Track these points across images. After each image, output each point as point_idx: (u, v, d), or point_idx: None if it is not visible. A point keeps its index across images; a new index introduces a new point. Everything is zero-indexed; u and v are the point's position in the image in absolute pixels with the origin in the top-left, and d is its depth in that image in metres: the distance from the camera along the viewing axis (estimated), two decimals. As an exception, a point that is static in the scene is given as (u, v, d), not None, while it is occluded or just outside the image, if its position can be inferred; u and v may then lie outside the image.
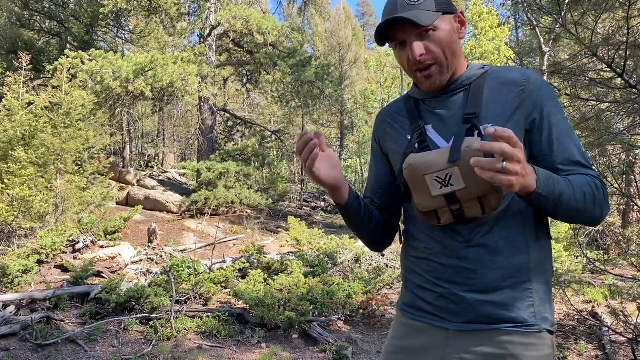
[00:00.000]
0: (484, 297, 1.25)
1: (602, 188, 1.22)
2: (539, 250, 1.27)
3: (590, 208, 1.20)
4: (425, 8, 1.26)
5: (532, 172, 1.09)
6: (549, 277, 1.29)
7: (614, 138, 4.14)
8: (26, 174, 7.76)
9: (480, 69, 1.36)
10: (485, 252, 1.25)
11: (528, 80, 1.29)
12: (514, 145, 0.99)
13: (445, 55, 1.29)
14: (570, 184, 1.18)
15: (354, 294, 6.09)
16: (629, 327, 4.87)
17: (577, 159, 1.25)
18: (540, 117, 1.27)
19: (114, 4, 13.66)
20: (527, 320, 1.23)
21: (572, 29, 3.03)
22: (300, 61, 14.70)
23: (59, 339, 4.72)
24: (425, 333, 1.35)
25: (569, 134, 1.27)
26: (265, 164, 16.37)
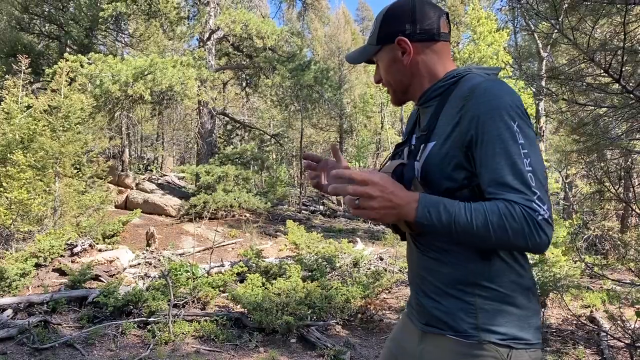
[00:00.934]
0: (433, 303, 1.34)
1: (524, 215, 1.11)
2: (486, 266, 1.27)
3: (504, 238, 1.13)
4: (370, 41, 1.44)
5: (411, 202, 1.18)
6: (504, 292, 1.26)
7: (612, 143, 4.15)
8: (24, 177, 7.76)
9: (451, 78, 1.35)
10: (435, 262, 1.33)
11: (471, 93, 1.24)
12: (363, 183, 1.15)
13: (391, 82, 1.44)
14: (470, 214, 1.15)
15: (352, 298, 6.08)
16: (627, 332, 4.87)
17: (504, 180, 1.15)
18: (475, 134, 1.21)
19: (113, 7, 13.69)
20: (467, 330, 1.27)
21: (569, 34, 3.04)
22: (299, 65, 14.74)
23: (56, 343, 4.71)
24: (409, 331, 1.49)
25: (504, 153, 1.16)
26: (264, 167, 16.37)
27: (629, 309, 6.60)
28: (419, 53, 1.37)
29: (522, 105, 1.23)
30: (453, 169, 1.25)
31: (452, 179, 1.26)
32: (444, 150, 1.26)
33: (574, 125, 4.32)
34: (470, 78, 1.31)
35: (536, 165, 1.17)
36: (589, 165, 5.28)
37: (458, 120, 1.25)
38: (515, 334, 1.25)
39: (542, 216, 1.12)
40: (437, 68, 1.38)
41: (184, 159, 28.34)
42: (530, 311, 1.30)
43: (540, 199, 1.14)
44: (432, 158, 1.29)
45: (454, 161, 1.25)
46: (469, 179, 1.25)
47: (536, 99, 7.10)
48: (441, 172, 1.27)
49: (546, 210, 1.13)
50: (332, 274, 7.52)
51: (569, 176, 15.53)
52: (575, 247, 7.90)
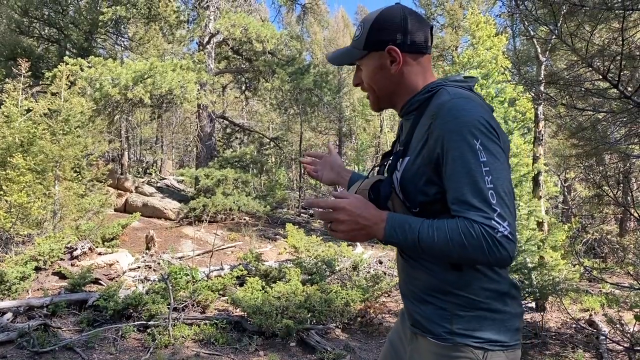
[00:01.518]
0: (415, 307, 1.42)
1: (483, 233, 1.15)
2: (457, 275, 1.32)
3: (465, 255, 1.18)
4: (356, 45, 1.45)
5: (379, 222, 1.28)
6: (478, 298, 1.32)
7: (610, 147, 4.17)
8: (24, 180, 7.76)
9: (426, 92, 1.39)
10: (415, 269, 1.41)
11: (437, 112, 1.28)
12: (332, 209, 1.28)
13: (373, 89, 1.47)
14: (433, 232, 1.21)
15: (352, 302, 6.09)
16: (626, 336, 4.89)
17: (464, 198, 1.19)
18: (441, 152, 1.25)
19: (113, 11, 13.72)
20: (442, 334, 1.33)
21: (567, 39, 3.07)
22: (298, 69, 14.76)
23: (56, 346, 4.71)
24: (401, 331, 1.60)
25: (466, 172, 1.20)
26: (263, 170, 16.36)
27: (628, 312, 6.61)
28: (407, 64, 1.41)
29: (488, 120, 1.25)
30: (424, 184, 1.31)
31: (425, 193, 1.32)
32: (416, 167, 1.33)
33: (572, 129, 4.34)
34: (440, 94, 1.34)
35: (498, 182, 1.19)
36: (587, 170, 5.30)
37: (426, 139, 1.30)
38: (491, 337, 1.31)
39: (502, 233, 1.16)
40: (419, 80, 1.43)
41: (183, 163, 28.34)
42: (507, 315, 1.34)
43: (501, 215, 1.17)
44: (406, 173, 1.36)
45: (425, 177, 1.31)
46: (441, 194, 1.30)
47: (535, 103, 7.12)
48: (414, 187, 1.33)
49: (506, 227, 1.16)
50: (331, 277, 7.53)
51: (567, 180, 15.57)
52: (574, 250, 7.92)
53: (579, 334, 6.20)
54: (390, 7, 1.42)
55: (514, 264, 6.31)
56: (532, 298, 6.74)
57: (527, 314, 6.97)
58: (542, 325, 6.25)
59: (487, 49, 7.49)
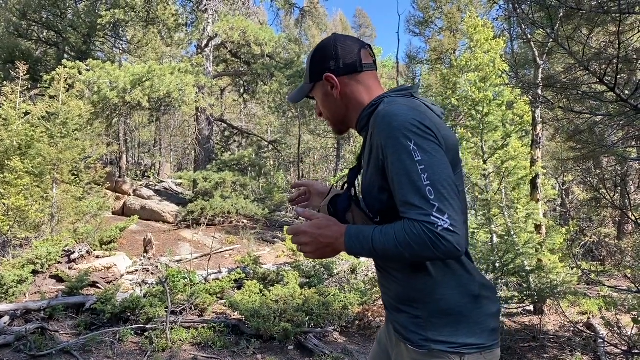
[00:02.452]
0: (392, 315, 1.49)
1: (423, 229, 1.20)
2: (423, 282, 1.37)
3: (413, 252, 1.23)
4: (305, 80, 1.58)
5: (339, 237, 1.35)
6: (449, 304, 1.35)
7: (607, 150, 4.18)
8: (22, 183, 7.75)
9: (370, 107, 1.46)
10: (387, 280, 1.49)
11: (374, 122, 1.36)
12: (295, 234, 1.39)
13: (328, 115, 1.58)
14: (382, 237, 1.28)
15: (350, 305, 6.09)
16: (624, 339, 4.89)
17: (405, 199, 1.25)
18: (383, 158, 1.32)
19: (111, 14, 13.73)
20: (417, 341, 1.38)
21: (564, 43, 3.07)
22: (297, 72, 14.76)
23: (53, 350, 4.70)
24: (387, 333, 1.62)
25: (404, 173, 1.25)
26: (261, 174, 16.36)
27: (626, 315, 6.62)
28: (346, 86, 1.50)
29: (421, 121, 1.29)
30: (378, 191, 1.39)
31: (380, 201, 1.40)
32: (369, 177, 1.42)
33: (570, 132, 4.35)
34: (379, 108, 1.40)
35: (434, 178, 1.23)
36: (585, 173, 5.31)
37: (370, 149, 1.39)
38: (466, 341, 1.34)
39: (442, 226, 1.20)
40: (364, 97, 1.50)
41: (182, 166, 28.31)
42: (481, 316, 1.37)
43: (439, 210, 1.21)
44: (363, 184, 1.46)
45: (377, 185, 1.38)
46: (392, 200, 1.34)
47: (533, 106, 7.13)
48: (370, 196, 1.42)
49: (446, 220, 1.20)
50: (329, 280, 7.52)
51: (565, 183, 15.58)
52: (572, 253, 7.93)
53: (577, 337, 6.20)
54: (325, 39, 1.55)
55: (512, 267, 6.32)
56: (530, 301, 6.74)
57: (525, 317, 6.97)
58: (540, 328, 6.25)
59: (485, 52, 7.51)
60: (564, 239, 7.32)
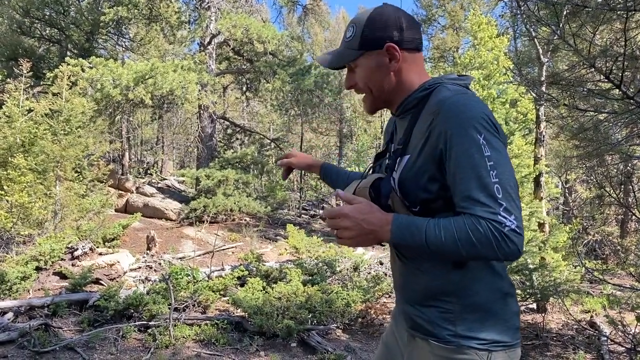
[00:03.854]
0: (415, 311, 1.41)
1: (490, 228, 1.15)
2: (461, 275, 1.32)
3: (473, 252, 1.17)
4: (350, 46, 1.41)
5: (385, 224, 1.25)
6: (482, 299, 1.32)
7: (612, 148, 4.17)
8: (25, 180, 7.76)
9: (423, 90, 1.38)
10: (415, 272, 1.40)
11: (439, 108, 1.27)
12: (336, 217, 1.26)
13: (370, 89, 1.43)
14: (439, 231, 1.19)
15: (353, 303, 6.09)
16: (628, 337, 4.88)
17: (470, 194, 1.19)
18: (444, 148, 1.24)
19: (114, 11, 13.73)
20: (445, 337, 1.33)
21: (570, 40, 3.06)
22: (299, 70, 14.76)
23: (57, 346, 4.71)
24: (395, 334, 1.59)
25: (471, 167, 1.19)
26: (264, 171, 16.36)
27: (629, 313, 6.60)
28: (404, 61, 1.39)
29: (489, 116, 1.25)
30: (427, 180, 1.30)
31: (428, 190, 1.30)
32: (418, 164, 1.31)
33: (574, 130, 4.34)
34: (439, 91, 1.34)
35: (503, 177, 1.19)
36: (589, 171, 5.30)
37: (428, 135, 1.28)
38: (494, 338, 1.31)
39: (509, 227, 1.15)
40: (415, 78, 1.41)
41: (184, 163, 28.35)
42: (508, 314, 1.34)
43: (507, 210, 1.16)
44: (407, 171, 1.34)
45: (428, 174, 1.29)
46: (443, 190, 1.29)
47: (537, 104, 7.12)
48: (416, 184, 1.31)
49: (513, 221, 1.16)
50: (332, 278, 7.52)
51: (568, 181, 15.55)
52: (576, 252, 7.91)
53: (580, 335, 6.19)
54: (381, 7, 1.41)
55: (515, 265, 6.31)
56: (534, 299, 6.73)
57: (528, 315, 6.96)
58: (543, 326, 6.24)
59: (488, 50, 7.49)
60: (567, 237, 7.30)
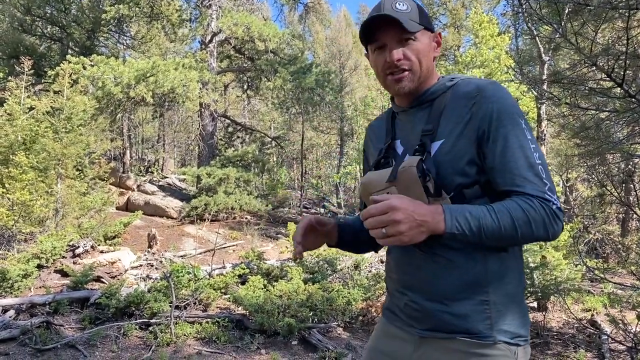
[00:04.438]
0: (441, 306, 1.30)
1: (542, 206, 1.17)
2: (498, 263, 1.28)
3: (528, 232, 1.17)
4: (410, 18, 1.32)
5: (436, 215, 1.16)
6: (513, 289, 1.30)
7: (614, 147, 4.16)
8: (27, 178, 7.77)
9: (448, 81, 1.38)
10: (442, 265, 1.30)
11: (481, 92, 1.29)
12: (384, 211, 1.13)
13: (420, 65, 1.35)
14: (494, 215, 1.17)
15: (354, 301, 6.09)
16: (628, 336, 4.88)
17: (520, 173, 1.21)
18: (488, 130, 1.25)
19: (116, 10, 13.74)
20: (482, 331, 1.26)
21: (572, 38, 3.06)
22: (300, 68, 14.76)
23: (58, 344, 4.71)
24: (397, 338, 1.43)
25: (519, 147, 1.23)
26: (265, 170, 16.38)
27: (630, 312, 6.60)
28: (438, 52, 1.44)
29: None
30: (466, 164, 1.27)
31: (466, 174, 1.28)
32: (457, 147, 1.28)
33: (575, 129, 4.33)
34: (470, 81, 1.35)
35: (543, 159, 1.24)
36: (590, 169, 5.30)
37: (469, 118, 1.28)
38: (519, 332, 1.29)
39: (556, 205, 1.19)
40: (435, 69, 1.45)
41: (185, 161, 28.35)
42: (526, 308, 1.34)
43: (551, 189, 1.21)
44: (442, 155, 1.29)
45: (467, 157, 1.27)
46: (479, 174, 1.28)
47: (538, 102, 7.11)
48: (454, 168, 1.28)
49: (556, 200, 1.20)
50: (333, 276, 7.52)
51: (569, 180, 15.54)
52: (577, 250, 7.91)
53: (581, 334, 6.19)
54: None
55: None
56: (534, 298, 6.73)
57: (529, 314, 6.95)
58: (544, 325, 6.24)
59: (490, 48, 7.49)
60: (568, 236, 7.30)
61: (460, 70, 8.97)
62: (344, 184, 27.09)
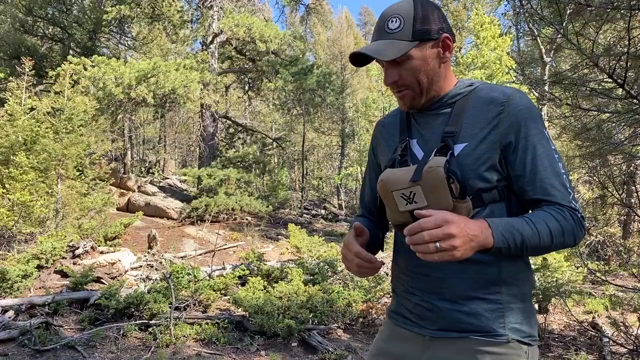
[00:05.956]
0: (454, 306, 1.29)
1: (571, 216, 1.21)
2: (512, 262, 1.29)
3: (560, 241, 1.20)
4: (400, 37, 1.29)
5: (484, 229, 1.14)
6: (525, 289, 1.31)
7: (615, 148, 4.15)
8: (27, 179, 7.77)
9: (467, 86, 1.37)
10: (458, 264, 1.25)
11: (509, 100, 1.28)
12: (439, 225, 1.08)
13: (419, 82, 1.32)
14: (534, 226, 1.18)
15: (354, 303, 6.08)
16: (630, 338, 4.86)
17: (550, 182, 1.24)
18: (516, 138, 1.26)
19: (117, 10, 13.75)
20: (496, 330, 1.26)
21: (573, 39, 3.05)
22: (302, 69, 14.75)
23: (57, 345, 4.71)
24: (405, 340, 1.41)
25: (547, 156, 1.25)
26: (265, 171, 16.38)
27: (632, 314, 6.58)
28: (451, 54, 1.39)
29: None
30: (487, 169, 1.28)
31: (486, 179, 1.28)
32: (480, 152, 1.28)
33: (577, 130, 4.32)
34: (493, 87, 1.34)
35: (565, 168, 1.27)
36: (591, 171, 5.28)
37: (496, 124, 1.28)
38: (530, 331, 1.30)
39: (580, 213, 1.23)
40: (450, 72, 1.40)
41: (186, 162, 28.37)
42: (533, 308, 1.35)
43: (575, 198, 1.25)
44: (464, 158, 1.28)
45: (489, 162, 1.28)
46: (499, 181, 1.29)
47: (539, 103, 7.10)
48: (474, 173, 1.27)
49: (580, 208, 1.24)
50: (333, 277, 7.51)
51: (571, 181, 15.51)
52: (578, 252, 7.89)
53: (582, 337, 6.16)
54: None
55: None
56: (535, 300, 6.71)
57: (530, 316, 6.93)
58: (544, 327, 6.22)
59: (491, 49, 7.48)
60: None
61: (462, 72, 8.95)
62: (345, 186, 27.08)
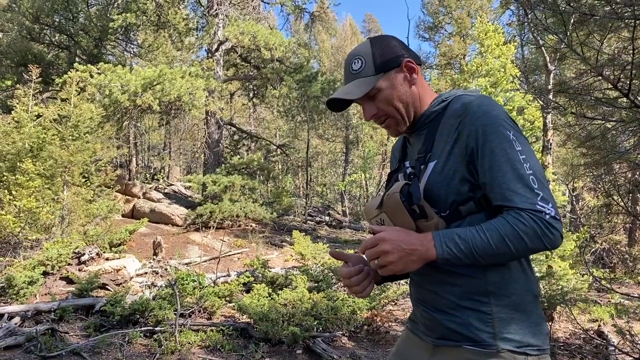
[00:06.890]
0: (448, 316, 1.36)
1: (531, 217, 1.18)
2: (499, 275, 1.31)
3: (522, 246, 1.20)
4: (365, 74, 1.40)
5: (426, 242, 1.24)
6: (520, 299, 1.32)
7: (620, 156, 4.15)
8: (33, 185, 7.82)
9: (441, 102, 1.41)
10: (447, 276, 1.35)
11: (466, 109, 1.31)
12: (374, 244, 1.23)
13: (396, 109, 1.42)
14: (484, 234, 1.21)
15: (359, 310, 6.07)
16: (636, 347, 4.84)
17: (508, 186, 1.22)
18: (476, 146, 1.28)
19: (123, 18, 13.85)
20: (485, 340, 1.29)
21: (577, 48, 3.06)
22: (306, 76, 14.80)
23: (63, 351, 4.72)
24: (417, 346, 1.50)
25: (507, 161, 1.24)
26: (270, 177, 16.40)
27: (638, 323, 6.55)
28: (418, 74, 1.44)
29: (510, 116, 1.31)
30: (458, 182, 1.31)
31: (459, 192, 1.31)
32: (448, 167, 1.33)
33: (582, 138, 4.32)
34: (458, 99, 1.38)
35: (535, 168, 1.24)
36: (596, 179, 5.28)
37: (457, 137, 1.32)
38: (529, 341, 1.30)
39: (549, 214, 1.19)
40: (427, 92, 1.46)
41: (191, 169, 28.43)
42: (539, 317, 1.34)
43: (544, 199, 1.21)
44: (435, 175, 1.34)
45: (458, 175, 1.31)
46: (473, 191, 1.31)
47: (544, 112, 7.11)
48: (447, 187, 1.32)
49: (551, 208, 1.20)
50: (338, 285, 7.50)
51: (575, 189, 15.47)
52: (583, 260, 7.86)
53: (588, 345, 6.14)
54: (377, 36, 1.46)
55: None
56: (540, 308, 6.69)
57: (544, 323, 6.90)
58: (550, 335, 6.20)
59: (495, 57, 7.50)
60: (574, 246, 7.26)
61: (467, 80, 8.97)
62: (349, 192, 27.08)
